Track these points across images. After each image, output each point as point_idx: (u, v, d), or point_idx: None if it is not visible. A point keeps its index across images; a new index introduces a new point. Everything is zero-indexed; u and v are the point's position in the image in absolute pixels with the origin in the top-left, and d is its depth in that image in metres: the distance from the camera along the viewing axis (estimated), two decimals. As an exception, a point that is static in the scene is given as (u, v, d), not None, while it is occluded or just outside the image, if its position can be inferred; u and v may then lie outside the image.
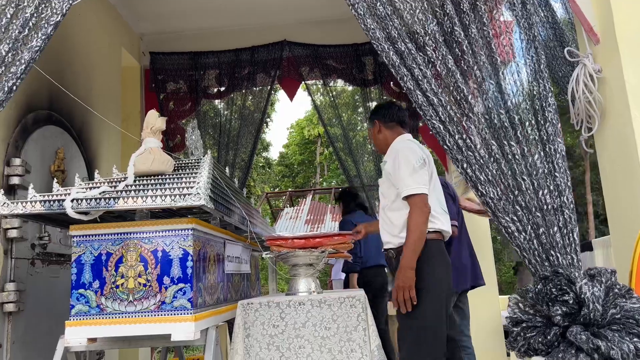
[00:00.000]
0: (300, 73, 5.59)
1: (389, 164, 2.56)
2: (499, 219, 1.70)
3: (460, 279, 3.45)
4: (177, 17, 5.29)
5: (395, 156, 2.50)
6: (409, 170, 2.42)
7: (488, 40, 1.92)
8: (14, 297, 3.09)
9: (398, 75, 1.90)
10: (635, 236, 1.70)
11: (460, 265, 3.46)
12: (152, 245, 2.52)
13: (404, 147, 2.54)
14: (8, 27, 2.07)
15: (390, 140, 3.02)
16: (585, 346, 1.34)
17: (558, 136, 1.77)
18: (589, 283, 1.47)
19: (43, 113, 3.65)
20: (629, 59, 2.02)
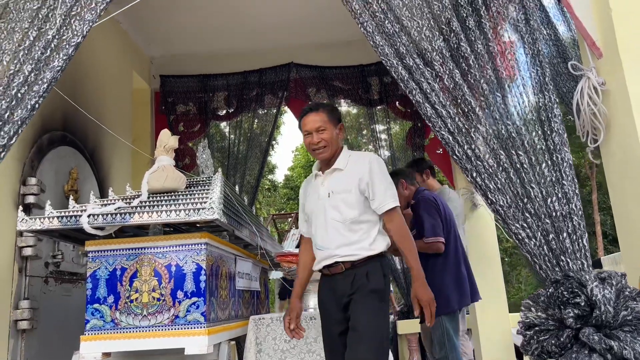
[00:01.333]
0: (307, 94, 5.69)
1: (364, 173, 2.33)
2: (509, 226, 1.73)
3: (462, 296, 3.41)
4: (186, 41, 5.42)
5: (372, 166, 2.34)
6: (389, 181, 2.36)
7: (493, 55, 1.98)
8: (28, 315, 3.13)
9: (407, 89, 1.97)
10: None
11: (461, 282, 3.43)
12: (166, 259, 2.57)
13: (378, 158, 2.44)
14: (31, 48, 2.16)
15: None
16: (598, 347, 1.36)
17: (565, 145, 1.82)
18: (600, 286, 1.49)
19: (58, 134, 3.74)
20: (631, 71, 2.08)
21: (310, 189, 2.53)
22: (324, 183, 2.41)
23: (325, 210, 2.35)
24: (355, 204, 2.31)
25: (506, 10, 2.14)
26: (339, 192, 2.34)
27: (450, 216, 3.58)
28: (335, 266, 2.31)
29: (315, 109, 2.43)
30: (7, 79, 2.10)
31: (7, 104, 2.04)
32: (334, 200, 2.34)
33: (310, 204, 2.47)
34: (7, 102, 2.05)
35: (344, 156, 2.43)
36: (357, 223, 2.31)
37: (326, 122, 2.39)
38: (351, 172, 2.36)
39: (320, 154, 2.41)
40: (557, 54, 3.16)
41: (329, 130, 2.40)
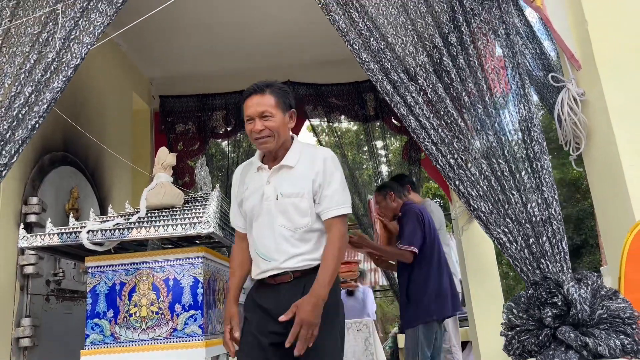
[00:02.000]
0: (304, 111, 5.79)
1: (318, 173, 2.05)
2: (491, 231, 1.80)
3: (444, 307, 3.45)
4: (185, 62, 5.54)
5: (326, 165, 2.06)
6: (343, 184, 2.08)
7: (474, 69, 2.07)
8: (29, 332, 3.18)
9: (392, 102, 2.05)
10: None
11: (442, 293, 3.47)
12: (164, 274, 2.62)
13: (334, 156, 2.13)
14: (32, 71, 2.26)
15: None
16: (574, 344, 1.41)
17: (544, 154, 1.89)
18: (576, 286, 1.55)
19: (59, 154, 3.83)
20: (608, 82, 2.16)
21: (250, 180, 2.16)
22: (271, 181, 2.08)
23: (272, 215, 2.04)
24: (308, 210, 2.03)
25: (487, 26, 2.23)
26: (289, 196, 2.03)
27: (434, 229, 3.65)
28: (282, 275, 2.04)
29: (261, 91, 2.06)
30: (9, 101, 2.19)
31: (8, 124, 2.13)
32: (282, 205, 2.03)
33: (251, 202, 2.11)
34: (8, 122, 2.14)
35: (296, 151, 2.10)
36: (309, 232, 2.04)
37: (273, 107, 2.04)
38: (304, 171, 2.05)
39: (263, 145, 2.06)
40: (543, 67, 3.25)
41: (276, 117, 2.04)
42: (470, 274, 5.02)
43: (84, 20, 2.36)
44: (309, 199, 2.03)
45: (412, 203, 3.82)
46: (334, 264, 1.98)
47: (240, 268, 2.24)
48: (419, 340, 3.41)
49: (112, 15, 2.35)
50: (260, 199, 2.07)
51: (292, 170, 2.07)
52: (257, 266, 2.13)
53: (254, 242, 2.12)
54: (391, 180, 4.47)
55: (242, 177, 2.22)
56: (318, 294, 1.92)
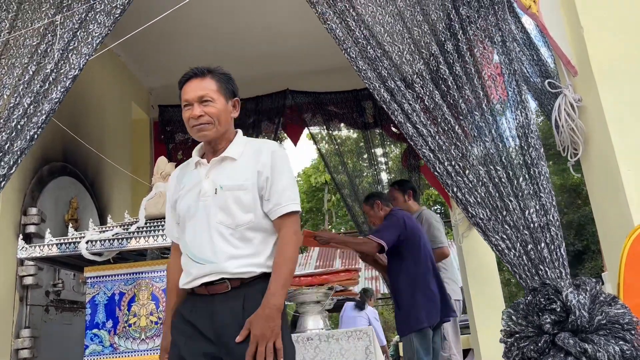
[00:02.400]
0: (303, 119, 5.81)
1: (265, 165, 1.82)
2: (490, 237, 1.80)
3: (432, 313, 3.44)
4: (184, 71, 5.54)
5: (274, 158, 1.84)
6: (293, 180, 1.87)
7: (471, 76, 2.08)
8: (29, 344, 3.17)
9: (389, 110, 2.05)
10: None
11: (431, 299, 3.47)
12: (163, 283, 2.61)
13: (282, 148, 1.93)
14: (30, 82, 2.27)
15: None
16: (573, 350, 1.41)
17: (541, 160, 1.89)
18: (575, 292, 1.54)
19: (58, 165, 3.83)
20: (605, 88, 2.16)
21: (187, 180, 1.91)
22: (209, 175, 1.84)
23: (210, 212, 1.79)
24: (252, 204, 1.78)
25: (483, 33, 2.24)
26: (231, 188, 1.78)
27: (421, 236, 3.64)
28: (218, 284, 1.75)
29: (201, 74, 1.88)
30: (8, 112, 2.19)
31: (7, 135, 2.14)
32: (222, 199, 1.78)
33: (186, 201, 1.85)
34: (7, 133, 2.14)
35: (239, 142, 1.89)
36: (252, 230, 1.78)
37: (214, 92, 1.84)
38: (248, 163, 1.83)
39: (201, 132, 1.82)
40: (540, 74, 3.26)
41: (218, 103, 1.83)
42: (471, 280, 5.01)
43: (82, 31, 2.37)
44: (253, 192, 1.79)
45: (399, 210, 3.85)
46: (289, 268, 1.73)
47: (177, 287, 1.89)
48: (414, 348, 3.41)
49: (110, 26, 2.36)
50: (197, 196, 1.82)
51: (236, 163, 1.84)
52: (187, 273, 1.82)
53: (187, 245, 1.83)
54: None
55: (178, 178, 1.96)
56: (273, 304, 1.65)
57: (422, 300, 3.44)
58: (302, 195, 28.10)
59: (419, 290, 3.46)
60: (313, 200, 27.69)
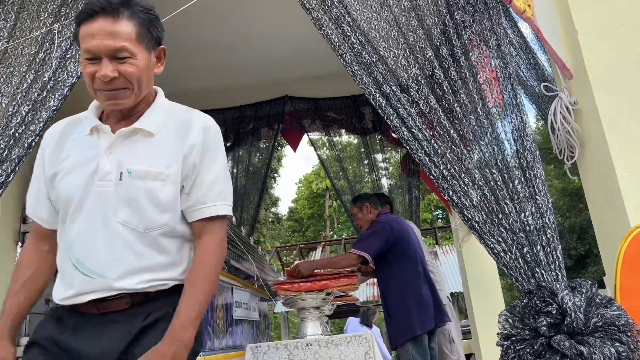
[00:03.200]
0: (302, 125, 5.83)
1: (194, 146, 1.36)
2: (485, 240, 1.80)
3: (425, 319, 3.35)
4: (182, 78, 5.59)
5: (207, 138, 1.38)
6: (226, 170, 1.41)
7: (466, 80, 2.09)
8: (29, 352, 3.16)
9: (385, 114, 2.06)
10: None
11: (423, 305, 3.37)
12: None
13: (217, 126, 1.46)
14: (28, 90, 2.28)
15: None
16: (569, 352, 1.41)
17: (537, 162, 1.89)
18: (570, 294, 1.54)
19: (58, 172, 3.84)
20: (600, 90, 2.17)
21: (74, 146, 1.38)
22: (113, 151, 1.33)
23: (109, 205, 1.30)
24: (171, 201, 1.32)
25: (478, 37, 2.25)
26: (144, 177, 1.30)
27: (411, 241, 3.53)
28: (114, 300, 1.30)
29: (113, 12, 1.28)
30: (6, 120, 2.21)
31: (5, 143, 2.15)
32: (130, 189, 1.30)
33: (72, 180, 1.33)
34: (5, 141, 2.16)
35: (160, 110, 1.40)
36: (168, 236, 1.33)
37: (134, 43, 1.30)
38: (170, 141, 1.34)
39: (114, 102, 1.32)
40: (537, 77, 3.27)
41: (139, 59, 1.32)
42: (472, 285, 5.00)
43: (79, 39, 2.39)
44: (175, 184, 1.32)
45: (387, 214, 3.75)
46: (208, 290, 1.30)
47: (30, 284, 1.45)
48: (411, 356, 3.33)
49: (107, 34, 2.38)
50: (90, 177, 1.31)
51: (152, 140, 1.34)
52: (67, 284, 1.33)
53: (69, 246, 1.32)
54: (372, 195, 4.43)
55: (60, 139, 1.41)
56: (180, 338, 1.22)
57: (414, 307, 3.34)
58: (303, 202, 28.17)
59: (410, 297, 3.36)
60: (314, 207, 27.73)
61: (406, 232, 3.55)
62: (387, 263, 3.47)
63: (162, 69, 1.45)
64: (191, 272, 1.32)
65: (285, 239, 26.81)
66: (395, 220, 3.62)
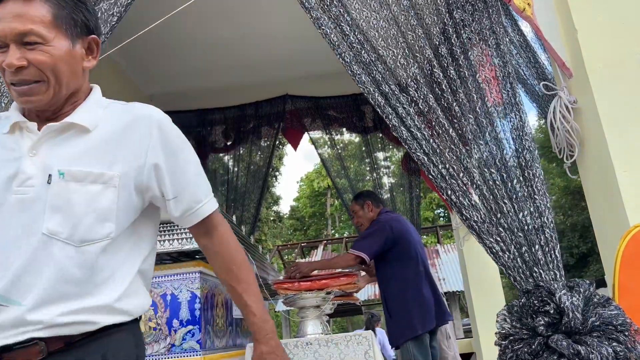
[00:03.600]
0: (303, 124, 5.83)
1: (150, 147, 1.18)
2: (484, 240, 1.80)
3: (426, 319, 3.34)
4: (183, 77, 5.59)
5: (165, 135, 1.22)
6: (199, 162, 1.31)
7: (465, 79, 2.09)
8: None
9: (383, 114, 2.06)
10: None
11: (423, 304, 3.36)
12: (162, 289, 2.63)
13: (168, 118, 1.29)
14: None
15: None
16: (566, 352, 1.41)
17: (536, 162, 1.89)
18: (568, 293, 1.54)
19: (58, 172, 3.84)
20: (599, 89, 2.17)
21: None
22: (39, 151, 1.12)
23: (32, 213, 1.08)
24: (116, 207, 1.12)
25: (477, 36, 2.25)
26: (81, 179, 1.09)
27: (411, 240, 3.50)
28: (25, 348, 1.02)
29: None
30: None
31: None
32: (63, 194, 1.08)
33: None
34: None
35: (93, 104, 1.22)
36: (106, 252, 1.10)
37: (47, 26, 1.10)
38: (113, 139, 1.15)
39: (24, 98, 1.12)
40: (537, 76, 3.27)
41: (55, 47, 1.11)
42: (473, 284, 5.00)
43: (79, 39, 2.39)
44: (120, 188, 1.12)
45: (389, 212, 3.72)
46: (254, 279, 1.27)
47: None
48: (412, 356, 3.33)
49: (106, 33, 2.38)
50: (7, 183, 1.09)
51: (89, 136, 1.14)
52: None
53: None
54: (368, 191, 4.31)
55: None
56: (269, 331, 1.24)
57: (415, 306, 3.33)
58: (304, 200, 28.18)
59: (410, 297, 3.35)
60: (316, 205, 27.73)
61: (407, 232, 3.51)
62: (387, 262, 3.45)
63: (95, 63, 1.23)
64: (228, 267, 1.25)
65: (287, 237, 26.83)
66: (396, 219, 3.59)
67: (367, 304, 14.67)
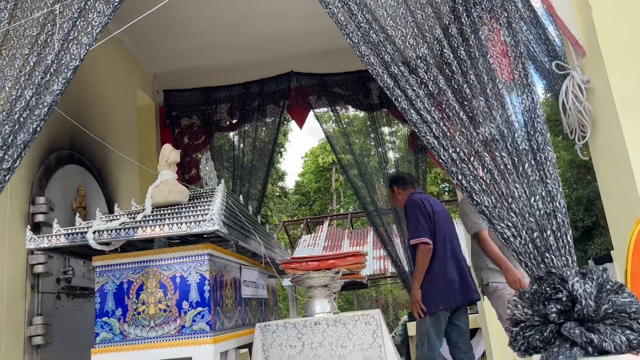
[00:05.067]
0: (308, 102, 5.77)
1: None
2: (495, 225, 1.78)
3: (448, 296, 3.51)
4: (188, 56, 5.53)
5: None
6: None
7: (476, 60, 2.03)
8: (41, 331, 3.22)
9: (393, 96, 2.02)
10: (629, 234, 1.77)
11: (447, 282, 3.53)
12: (171, 271, 2.64)
13: None
14: (31, 74, 2.25)
15: None
16: (579, 340, 1.40)
17: (548, 145, 1.86)
18: (581, 281, 1.53)
19: (65, 153, 3.84)
20: (613, 68, 2.12)
21: None
22: None
23: None
24: None
25: (488, 14, 2.18)
26: None
27: (440, 216, 3.69)
28: None
29: None
30: (10, 105, 2.19)
31: (10, 129, 2.13)
32: None
33: None
34: (10, 126, 2.14)
35: None
36: None
37: None
38: None
39: None
40: (547, 54, 3.19)
41: None
42: (479, 261, 4.99)
43: (81, 20, 2.35)
44: None
45: (414, 194, 3.88)
46: None
47: None
48: (426, 330, 3.51)
49: (109, 14, 2.34)
50: None
51: None
52: None
53: None
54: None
55: None
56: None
57: (438, 283, 3.52)
58: (309, 176, 28.15)
59: (435, 273, 3.55)
60: (321, 180, 27.72)
61: (435, 213, 3.71)
62: None
63: None
64: None
65: (292, 212, 26.91)
66: (425, 198, 3.82)
67: (372, 278, 14.82)
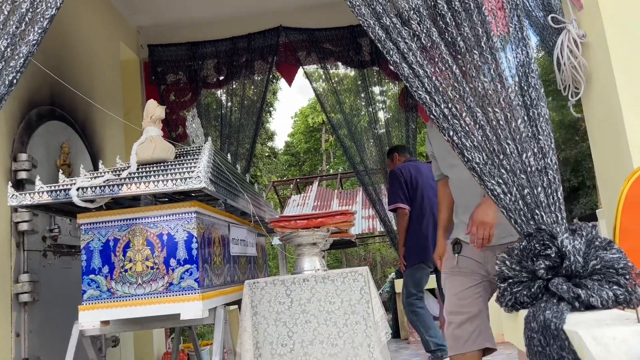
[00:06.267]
0: (297, 58, 5.64)
1: None
2: (485, 182, 1.75)
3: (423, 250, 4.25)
4: (172, 9, 5.34)
5: None
6: None
7: (470, 12, 1.96)
8: (28, 288, 3.20)
9: (384, 49, 1.95)
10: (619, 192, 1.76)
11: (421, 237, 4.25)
12: (158, 229, 2.61)
13: None
14: (6, 23, 2.14)
15: None
16: (566, 295, 1.41)
17: (541, 100, 1.82)
18: (570, 237, 1.53)
19: (46, 109, 3.74)
20: (611, 24, 2.06)
21: None
22: None
23: None
24: None
25: (484, -36, 2.09)
26: None
27: (419, 184, 4.30)
28: None
29: None
30: (-16, 56, 2.09)
31: (-15, 81, 2.05)
32: None
33: None
34: (-15, 79, 2.05)
35: None
36: None
37: None
38: None
39: None
40: (543, 7, 3.11)
41: None
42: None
43: (57, -34, 2.22)
44: None
45: (411, 161, 4.62)
46: None
47: None
48: (405, 281, 4.38)
49: (87, -40, 2.21)
50: None
51: None
52: None
53: None
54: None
55: None
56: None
57: (415, 240, 4.25)
58: (299, 136, 27.98)
59: (412, 235, 4.27)
60: (311, 141, 27.60)
61: (414, 178, 4.32)
62: None
63: None
64: None
65: (282, 172, 26.88)
66: (404, 166, 4.43)
67: (361, 237, 14.99)
